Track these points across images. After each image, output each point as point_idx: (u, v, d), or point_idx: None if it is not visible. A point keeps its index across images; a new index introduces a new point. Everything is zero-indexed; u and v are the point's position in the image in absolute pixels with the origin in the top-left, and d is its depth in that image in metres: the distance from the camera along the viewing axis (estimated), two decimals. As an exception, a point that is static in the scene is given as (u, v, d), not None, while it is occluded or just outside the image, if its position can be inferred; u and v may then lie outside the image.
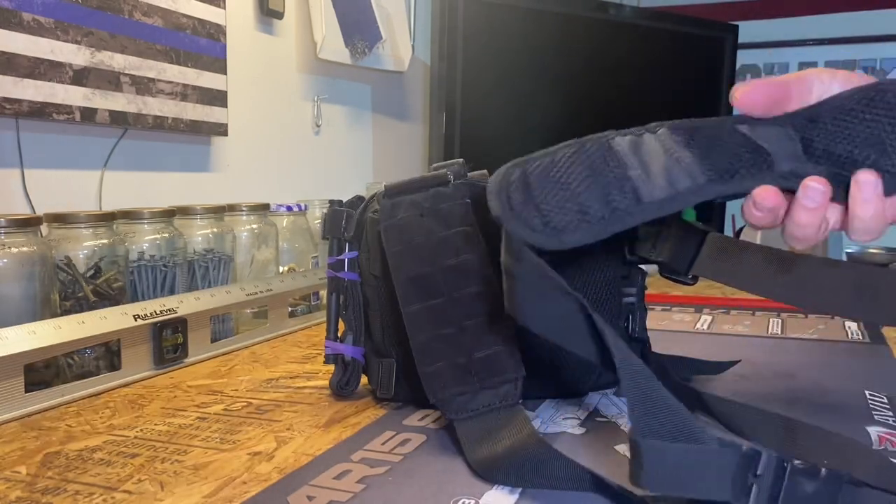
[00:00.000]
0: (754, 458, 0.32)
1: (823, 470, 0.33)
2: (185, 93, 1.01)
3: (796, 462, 0.33)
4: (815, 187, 0.40)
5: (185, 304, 0.71)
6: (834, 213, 0.42)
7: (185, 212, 0.86)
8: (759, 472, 0.32)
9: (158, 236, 0.80)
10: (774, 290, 0.51)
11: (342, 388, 0.59)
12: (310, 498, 0.40)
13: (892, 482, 0.39)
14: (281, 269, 1.01)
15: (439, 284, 0.49)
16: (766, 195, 0.41)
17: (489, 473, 0.42)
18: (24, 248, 0.65)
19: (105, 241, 0.73)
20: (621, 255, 0.55)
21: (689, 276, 0.54)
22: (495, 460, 0.43)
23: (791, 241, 0.43)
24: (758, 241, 1.33)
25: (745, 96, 0.42)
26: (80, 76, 0.86)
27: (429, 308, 0.49)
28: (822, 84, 0.42)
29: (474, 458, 0.44)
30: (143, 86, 0.94)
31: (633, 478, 0.33)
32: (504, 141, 1.41)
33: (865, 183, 0.40)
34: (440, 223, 0.51)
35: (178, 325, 0.70)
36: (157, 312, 0.68)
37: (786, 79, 0.42)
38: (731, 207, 1.61)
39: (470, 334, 0.49)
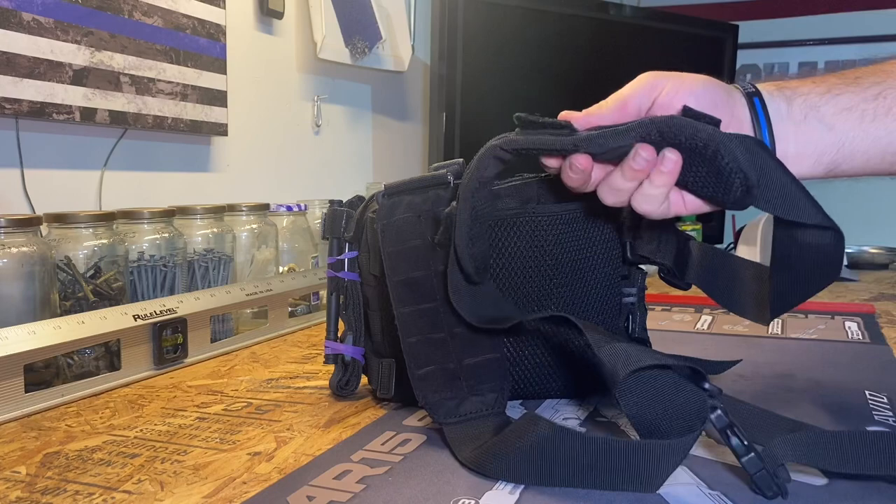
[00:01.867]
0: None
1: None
2: (185, 93, 1.01)
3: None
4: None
5: (184, 304, 0.71)
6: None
7: (184, 212, 0.86)
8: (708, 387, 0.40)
9: (158, 236, 0.80)
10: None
11: (342, 389, 0.59)
12: (310, 498, 0.40)
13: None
14: (281, 269, 1.00)
15: (432, 289, 0.49)
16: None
17: (484, 466, 0.42)
18: (24, 248, 0.65)
19: (105, 241, 0.73)
20: (621, 255, 0.55)
21: (685, 282, 0.54)
22: (488, 451, 0.43)
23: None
24: (758, 240, 1.32)
25: None
26: (80, 76, 0.86)
27: (420, 311, 0.49)
28: None
29: (465, 457, 0.44)
30: (143, 86, 0.94)
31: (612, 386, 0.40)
32: (504, 141, 1.41)
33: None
34: (437, 227, 0.51)
35: (178, 325, 0.70)
36: (157, 312, 0.68)
37: None
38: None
39: (460, 340, 0.49)
